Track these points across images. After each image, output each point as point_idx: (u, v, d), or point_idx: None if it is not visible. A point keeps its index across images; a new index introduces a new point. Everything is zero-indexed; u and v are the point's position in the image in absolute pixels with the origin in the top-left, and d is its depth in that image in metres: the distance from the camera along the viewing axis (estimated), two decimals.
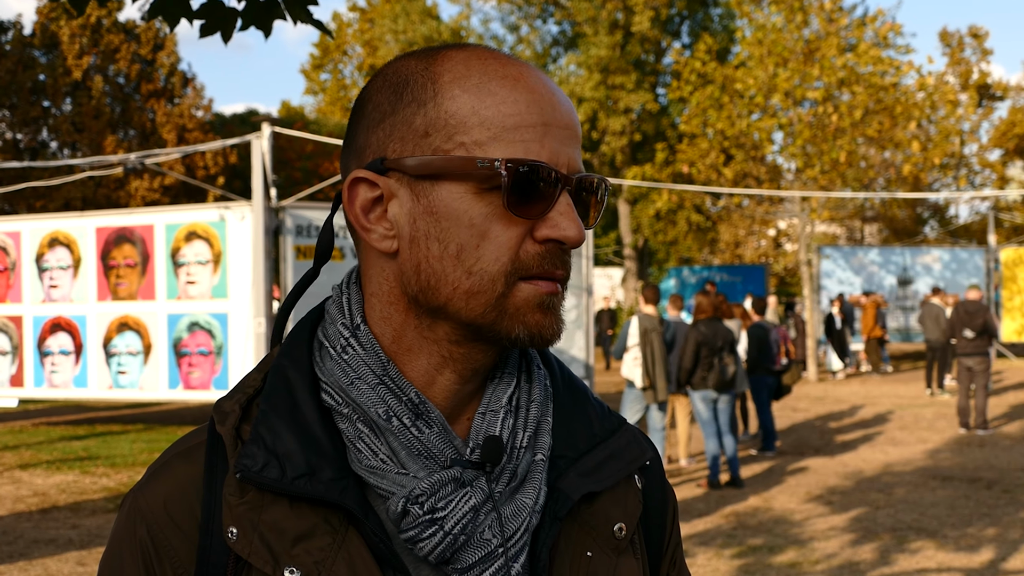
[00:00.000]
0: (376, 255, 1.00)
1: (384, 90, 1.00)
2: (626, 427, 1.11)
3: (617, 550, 1.04)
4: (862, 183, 25.39)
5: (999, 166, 34.50)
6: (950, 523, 8.30)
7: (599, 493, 1.04)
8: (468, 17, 32.68)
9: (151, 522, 0.98)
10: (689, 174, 25.49)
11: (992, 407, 15.29)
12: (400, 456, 0.96)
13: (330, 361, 1.00)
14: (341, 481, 0.95)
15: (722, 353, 9.93)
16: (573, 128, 0.99)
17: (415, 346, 0.99)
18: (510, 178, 0.93)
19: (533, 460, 1.01)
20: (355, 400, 0.97)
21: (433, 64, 0.98)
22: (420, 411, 0.97)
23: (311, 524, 0.94)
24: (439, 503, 0.94)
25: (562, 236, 0.95)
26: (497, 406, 1.01)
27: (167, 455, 1.03)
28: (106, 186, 29.50)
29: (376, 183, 0.98)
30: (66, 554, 7.44)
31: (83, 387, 12.49)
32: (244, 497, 0.95)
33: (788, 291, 36.46)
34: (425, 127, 0.96)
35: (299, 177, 33.24)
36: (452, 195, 0.94)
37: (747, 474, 10.57)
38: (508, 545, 0.96)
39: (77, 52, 29.79)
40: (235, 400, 1.01)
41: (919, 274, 24.68)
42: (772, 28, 22.90)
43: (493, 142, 0.94)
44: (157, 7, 3.09)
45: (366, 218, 0.99)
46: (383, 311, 1.00)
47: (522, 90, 0.96)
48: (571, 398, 1.09)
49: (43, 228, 12.71)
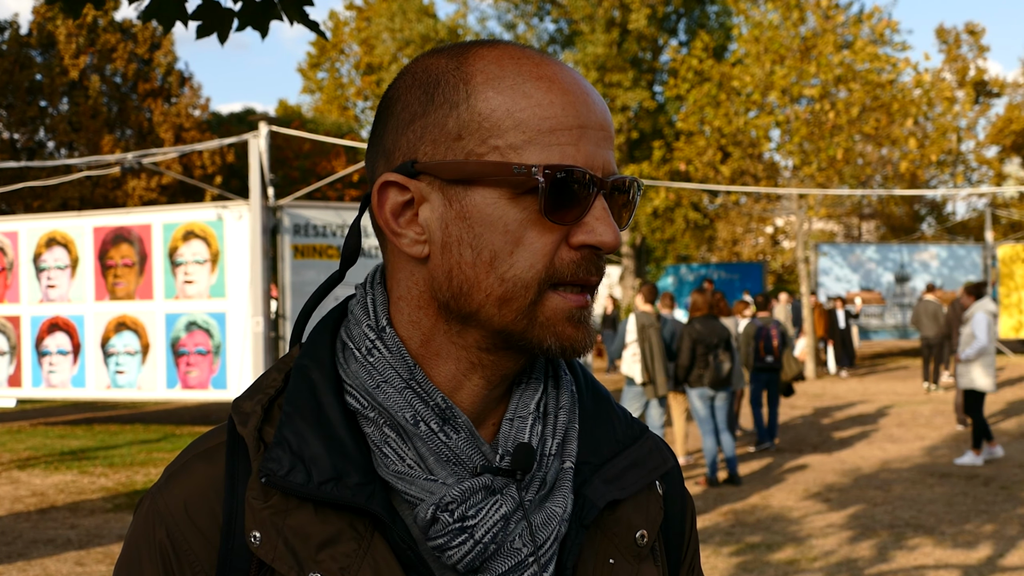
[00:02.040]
0: (405, 259, 0.98)
1: (414, 89, 0.97)
2: (648, 434, 1.10)
3: (639, 557, 1.03)
4: (859, 180, 25.43)
5: (996, 163, 34.54)
6: (948, 520, 8.31)
7: (622, 500, 1.03)
8: (465, 15, 32.68)
9: (171, 524, 0.97)
10: (686, 172, 25.49)
11: (989, 404, 15.30)
12: (428, 462, 0.95)
13: (355, 363, 0.98)
14: (368, 486, 0.93)
15: (717, 350, 9.94)
16: (607, 129, 0.97)
17: (443, 351, 0.98)
18: (548, 184, 0.91)
19: (562, 468, 1.00)
20: (381, 404, 0.96)
21: (465, 63, 0.96)
22: (447, 416, 0.96)
23: (336, 530, 0.93)
24: (469, 511, 0.92)
25: (598, 242, 0.94)
26: (525, 412, 1.00)
27: (186, 456, 1.01)
28: (103, 186, 29.48)
29: (407, 186, 0.96)
30: (64, 554, 7.44)
31: (81, 387, 12.49)
32: (268, 501, 0.93)
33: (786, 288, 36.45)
34: (458, 130, 0.93)
35: (297, 176, 33.24)
36: (486, 200, 0.92)
37: (745, 472, 10.58)
38: (539, 554, 0.95)
39: (74, 52, 29.76)
40: (256, 401, 0.99)
41: (916, 271, 24.71)
42: (769, 25, 22.89)
43: (528, 146, 0.92)
44: (151, 9, 3.09)
45: (396, 222, 0.97)
46: (412, 315, 0.98)
47: (557, 92, 0.94)
48: (595, 404, 1.08)
49: (40, 228, 12.70)
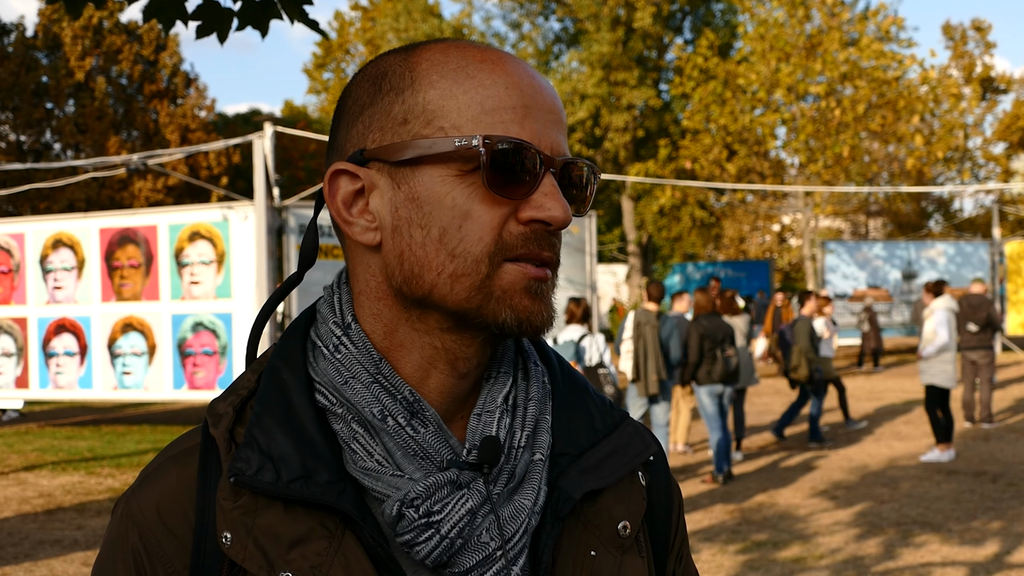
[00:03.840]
0: (361, 250, 0.98)
1: (364, 84, 0.99)
2: (628, 421, 1.08)
3: (622, 548, 1.02)
4: (866, 177, 25.39)
5: (1003, 159, 34.43)
6: (955, 517, 8.29)
7: (602, 490, 1.02)
8: (470, 15, 32.69)
9: (144, 527, 0.96)
10: (692, 170, 25.48)
11: (997, 400, 15.26)
12: (396, 457, 0.95)
13: (323, 361, 0.98)
14: (338, 484, 0.93)
15: (724, 345, 10.07)
16: (556, 113, 0.97)
17: (407, 341, 0.97)
18: (488, 155, 0.91)
19: (532, 460, 0.99)
20: (349, 400, 0.95)
21: (412, 55, 0.97)
22: (415, 409, 0.95)
23: (307, 528, 0.92)
24: (435, 506, 0.92)
25: (547, 216, 0.93)
26: (493, 406, 0.99)
27: (160, 459, 1.01)
28: (109, 187, 29.55)
29: (357, 174, 0.96)
30: (71, 555, 7.45)
31: (88, 388, 12.51)
32: (238, 501, 0.93)
33: (792, 286, 36.39)
34: (404, 114, 0.94)
35: (302, 176, 33.29)
36: (433, 179, 0.93)
37: (752, 470, 10.57)
38: (507, 547, 0.94)
39: (80, 53, 29.83)
40: (228, 402, 0.99)
41: (924, 268, 24.63)
42: (774, 23, 22.88)
43: (471, 124, 0.92)
44: (152, 9, 3.09)
45: (348, 211, 0.97)
46: (372, 307, 0.98)
47: (500, 73, 0.94)
48: (571, 394, 1.07)
49: (47, 229, 12.72)
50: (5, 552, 7.55)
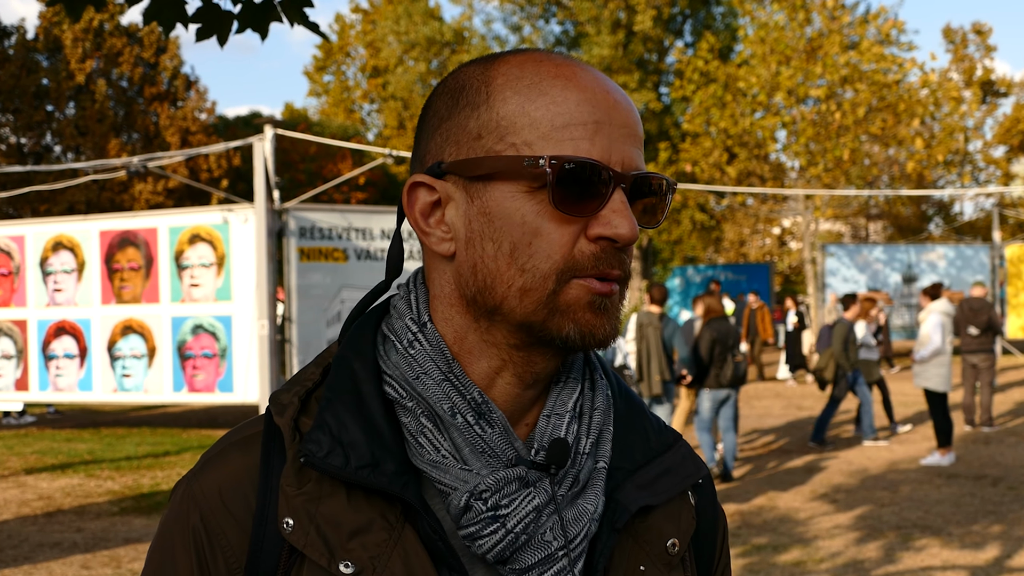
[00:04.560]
0: (437, 258, 1.02)
1: (443, 97, 1.01)
2: (681, 443, 1.11)
3: (669, 566, 1.04)
4: (866, 181, 25.40)
5: (1003, 163, 34.41)
6: (955, 520, 8.28)
7: (653, 508, 1.04)
8: (470, 18, 32.71)
9: (205, 510, 0.98)
10: (692, 173, 25.49)
11: (997, 404, 15.26)
12: (463, 452, 0.96)
13: (396, 355, 1.01)
14: (403, 475, 0.95)
15: (733, 350, 10.23)
16: (631, 127, 0.98)
17: (475, 349, 1.00)
18: (555, 175, 0.92)
19: (595, 467, 1.01)
20: (421, 394, 0.98)
21: (490, 69, 0.99)
22: (482, 410, 0.97)
23: (368, 518, 0.94)
24: (503, 500, 0.94)
25: (613, 234, 0.94)
26: (563, 410, 1.01)
27: (222, 444, 1.03)
28: (110, 189, 29.56)
29: (434, 187, 0.99)
30: (71, 557, 7.45)
31: (88, 390, 12.51)
32: (302, 488, 0.95)
33: (792, 289, 36.39)
34: (478, 129, 0.97)
35: (303, 179, 33.26)
36: (504, 195, 0.95)
37: (752, 473, 10.56)
38: (569, 548, 0.96)
39: (80, 56, 29.85)
40: (294, 392, 1.01)
41: (924, 271, 24.63)
42: (775, 26, 22.89)
43: (542, 141, 0.94)
44: (153, 11, 3.09)
45: (425, 222, 1.00)
46: (445, 313, 1.01)
47: (573, 88, 0.96)
48: (628, 411, 1.09)
49: (47, 232, 12.73)
50: (4, 554, 7.54)
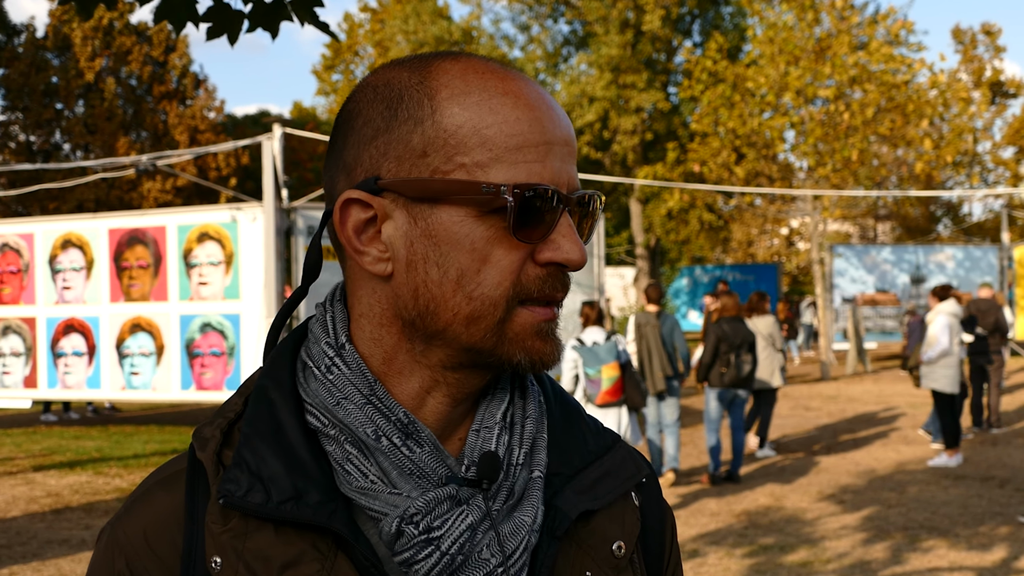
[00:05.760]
0: (367, 276, 0.96)
1: (376, 104, 0.96)
2: (620, 444, 1.08)
3: (617, 569, 1.01)
4: (874, 181, 25.34)
5: (1012, 164, 34.30)
6: (962, 522, 8.27)
7: (596, 511, 1.01)
8: (479, 17, 32.68)
9: (130, 554, 0.95)
10: (701, 173, 25.46)
11: (1005, 405, 15.23)
12: (391, 476, 0.93)
13: (315, 382, 0.97)
14: (329, 504, 0.91)
15: (740, 351, 10.19)
16: (571, 144, 0.96)
17: (406, 369, 0.96)
18: (517, 203, 0.89)
19: (530, 477, 0.98)
20: (342, 420, 0.94)
21: (428, 77, 0.94)
22: (409, 431, 0.94)
23: (298, 551, 0.90)
24: (435, 522, 0.91)
25: (565, 259, 0.93)
26: (491, 423, 0.98)
27: (147, 483, 1.00)
28: (119, 188, 29.64)
29: (370, 204, 0.94)
30: (79, 554, 7.48)
31: (96, 388, 12.54)
32: (227, 525, 0.91)
33: (801, 290, 36.34)
34: (423, 146, 0.92)
35: (311, 178, 33.32)
36: (452, 219, 0.91)
37: (759, 473, 10.55)
38: (508, 564, 0.93)
39: (89, 54, 29.94)
40: (215, 426, 0.97)
41: (932, 272, 24.57)
42: (783, 26, 22.86)
43: (495, 163, 0.90)
44: (163, 10, 3.11)
45: (359, 240, 0.95)
46: (373, 332, 0.97)
47: (523, 107, 0.92)
48: (563, 415, 1.06)
49: (56, 230, 12.76)
50: (13, 551, 7.58)
